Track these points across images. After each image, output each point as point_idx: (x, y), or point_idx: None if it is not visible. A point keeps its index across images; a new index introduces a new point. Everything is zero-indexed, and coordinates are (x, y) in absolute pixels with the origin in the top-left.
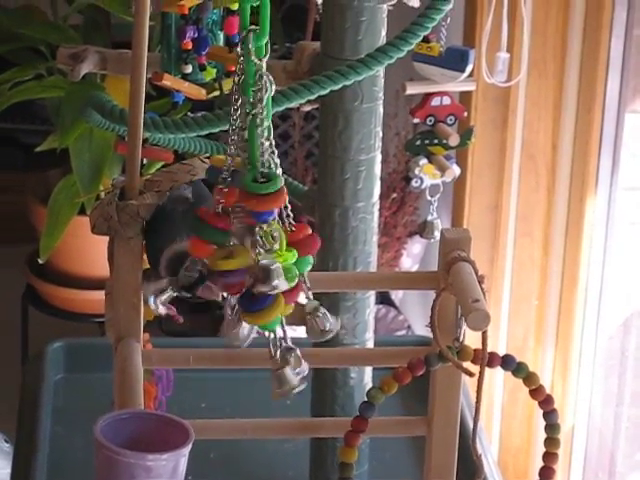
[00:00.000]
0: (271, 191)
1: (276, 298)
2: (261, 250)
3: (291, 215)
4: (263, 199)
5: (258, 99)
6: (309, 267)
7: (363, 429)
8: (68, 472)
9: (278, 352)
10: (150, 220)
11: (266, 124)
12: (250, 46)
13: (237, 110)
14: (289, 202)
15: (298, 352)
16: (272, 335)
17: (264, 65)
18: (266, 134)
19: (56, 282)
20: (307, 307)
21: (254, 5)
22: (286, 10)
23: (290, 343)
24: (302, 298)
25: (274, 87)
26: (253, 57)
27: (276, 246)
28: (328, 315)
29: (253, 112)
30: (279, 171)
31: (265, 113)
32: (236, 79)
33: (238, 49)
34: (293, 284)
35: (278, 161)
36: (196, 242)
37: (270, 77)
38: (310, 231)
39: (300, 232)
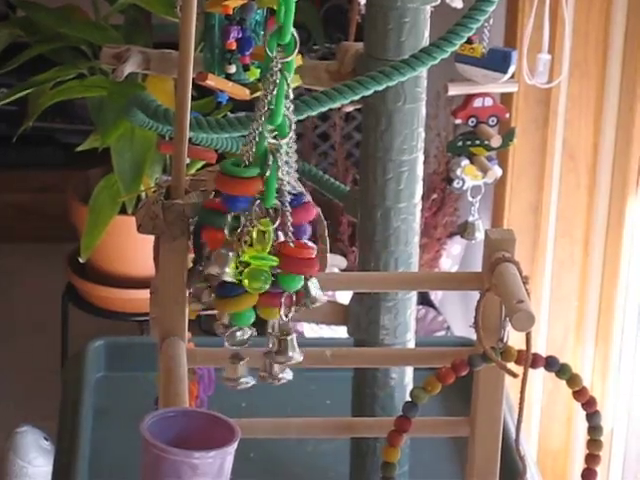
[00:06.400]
0: (243, 175)
1: (244, 294)
2: (231, 239)
3: (291, 228)
4: (232, 181)
5: (265, 94)
6: (295, 286)
7: (406, 429)
8: (109, 470)
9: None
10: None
11: (263, 119)
12: (268, 43)
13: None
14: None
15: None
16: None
17: (279, 63)
18: (261, 129)
19: (96, 281)
20: (275, 327)
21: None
22: (326, 10)
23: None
24: (343, 298)
25: (290, 86)
26: (270, 54)
27: (247, 241)
28: (295, 344)
29: (261, 106)
30: (287, 169)
31: (264, 110)
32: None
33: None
34: (260, 287)
35: (289, 160)
36: (209, 231)
37: (286, 76)
38: (310, 255)
39: (298, 249)
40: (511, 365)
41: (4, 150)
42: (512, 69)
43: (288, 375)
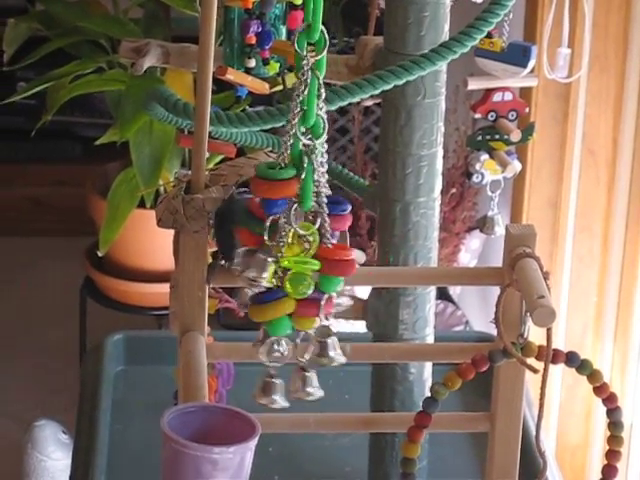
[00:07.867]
0: (278, 177)
1: (282, 299)
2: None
3: (329, 230)
4: (268, 184)
5: (297, 94)
6: (335, 288)
7: (426, 424)
8: (127, 464)
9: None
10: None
11: (296, 120)
12: (297, 42)
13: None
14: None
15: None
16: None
17: (311, 61)
18: (295, 130)
19: (115, 275)
20: (317, 329)
21: None
22: (345, 4)
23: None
24: (362, 293)
25: (321, 85)
26: (300, 52)
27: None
28: (336, 345)
29: (293, 107)
30: (322, 170)
31: (297, 111)
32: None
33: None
34: (304, 292)
35: (323, 161)
36: (244, 233)
37: (317, 75)
38: (350, 256)
39: (339, 251)
40: (531, 361)
41: (23, 144)
42: (532, 63)
43: (319, 392)
